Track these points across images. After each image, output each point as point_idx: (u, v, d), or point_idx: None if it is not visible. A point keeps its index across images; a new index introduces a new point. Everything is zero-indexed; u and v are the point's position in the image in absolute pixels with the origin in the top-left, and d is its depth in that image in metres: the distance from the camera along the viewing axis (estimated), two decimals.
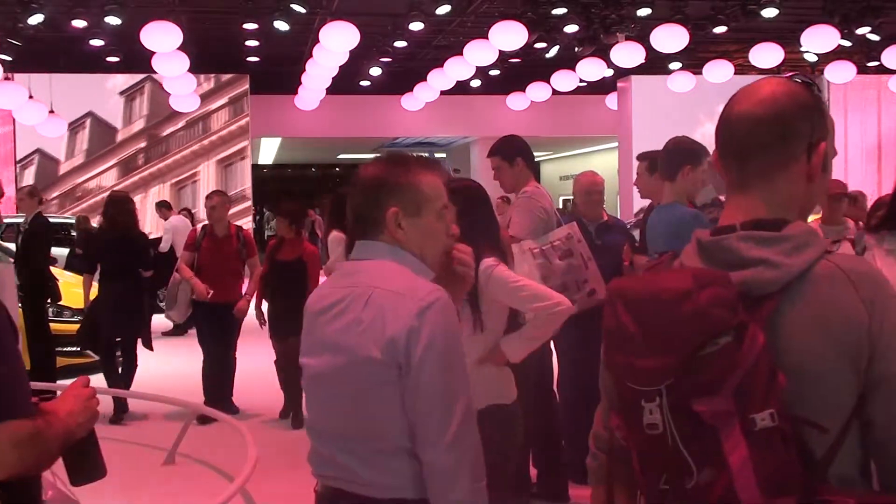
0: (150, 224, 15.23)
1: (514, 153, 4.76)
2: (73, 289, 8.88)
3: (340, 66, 12.44)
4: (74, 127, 16.88)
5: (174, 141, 17.45)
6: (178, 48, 10.98)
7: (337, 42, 10.52)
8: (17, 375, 1.69)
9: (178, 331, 11.35)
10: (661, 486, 1.41)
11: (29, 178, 16.62)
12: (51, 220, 8.61)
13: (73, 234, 12.97)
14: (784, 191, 1.51)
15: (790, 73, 1.61)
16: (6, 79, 13.78)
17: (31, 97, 13.06)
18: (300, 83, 14.80)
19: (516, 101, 16.98)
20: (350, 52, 11.34)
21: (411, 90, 15.80)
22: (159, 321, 12.10)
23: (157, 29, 11.14)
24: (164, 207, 12.93)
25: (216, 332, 6.96)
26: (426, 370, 1.88)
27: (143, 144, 17.37)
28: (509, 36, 10.38)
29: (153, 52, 11.52)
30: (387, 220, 2.03)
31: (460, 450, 1.90)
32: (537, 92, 15.58)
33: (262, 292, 6.86)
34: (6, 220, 13.10)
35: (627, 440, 1.48)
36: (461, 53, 11.64)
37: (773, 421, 1.33)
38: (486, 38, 10.66)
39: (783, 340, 1.40)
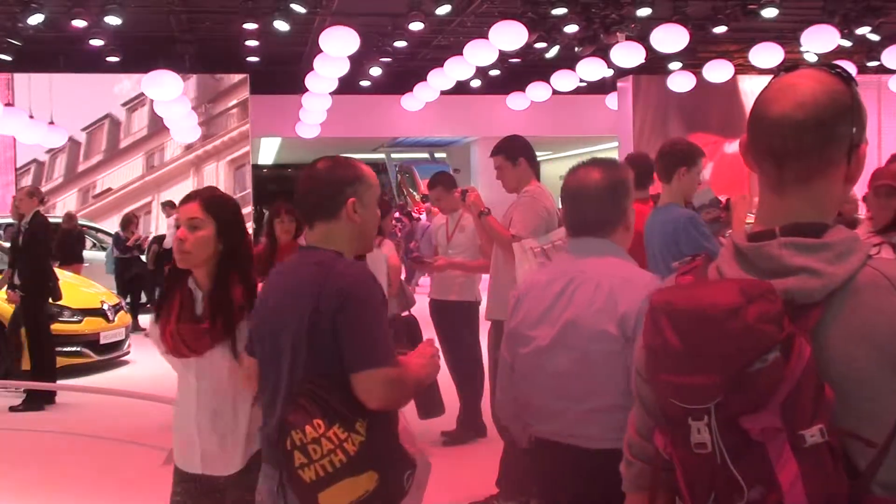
0: (158, 223, 15.36)
1: (517, 153, 4.76)
2: (73, 289, 8.89)
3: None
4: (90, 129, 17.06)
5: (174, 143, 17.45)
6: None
7: (337, 47, 10.55)
8: (387, 334, 2.28)
9: None
10: None
11: (60, 167, 16.82)
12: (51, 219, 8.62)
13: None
14: (823, 194, 1.46)
15: (827, 63, 1.52)
16: (7, 105, 13.85)
17: (31, 116, 13.11)
18: (302, 85, 14.81)
19: (516, 101, 16.98)
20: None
21: (411, 90, 15.81)
22: (147, 321, 12.15)
23: (157, 79, 11.35)
24: (168, 206, 12.99)
25: None
26: None
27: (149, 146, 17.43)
28: (509, 36, 10.39)
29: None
30: (625, 219, 2.47)
31: None
32: (537, 92, 15.58)
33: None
34: (6, 221, 13.11)
35: (672, 457, 1.44)
36: (461, 53, 11.64)
37: (822, 437, 1.30)
38: (486, 38, 10.67)
39: (828, 351, 1.36)
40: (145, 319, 12.27)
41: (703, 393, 1.34)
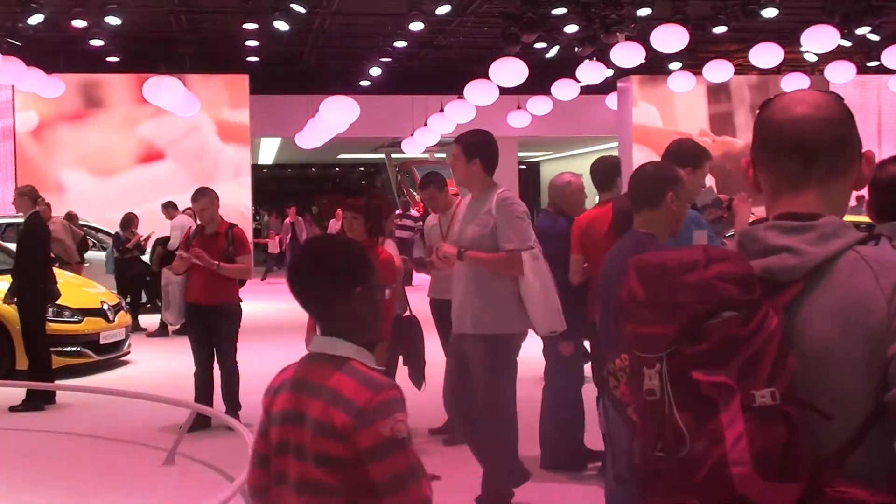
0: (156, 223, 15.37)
1: (474, 152, 4.57)
2: (73, 288, 8.88)
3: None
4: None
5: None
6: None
7: (336, 117, 10.79)
8: None
9: (162, 331, 11.35)
10: (657, 454, 1.43)
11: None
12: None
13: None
14: (838, 195, 1.52)
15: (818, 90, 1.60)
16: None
17: (29, 64, 13.13)
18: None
19: (516, 118, 17.11)
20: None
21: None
22: (147, 321, 12.12)
23: (158, 85, 11.42)
24: (169, 207, 12.91)
25: (204, 337, 6.59)
26: None
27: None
28: (509, 73, 10.63)
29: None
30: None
31: None
32: (537, 106, 15.76)
33: None
34: (7, 221, 13.10)
35: (630, 405, 1.52)
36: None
37: (773, 399, 1.33)
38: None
39: (802, 327, 1.41)
40: (145, 319, 12.26)
41: (657, 341, 1.41)
